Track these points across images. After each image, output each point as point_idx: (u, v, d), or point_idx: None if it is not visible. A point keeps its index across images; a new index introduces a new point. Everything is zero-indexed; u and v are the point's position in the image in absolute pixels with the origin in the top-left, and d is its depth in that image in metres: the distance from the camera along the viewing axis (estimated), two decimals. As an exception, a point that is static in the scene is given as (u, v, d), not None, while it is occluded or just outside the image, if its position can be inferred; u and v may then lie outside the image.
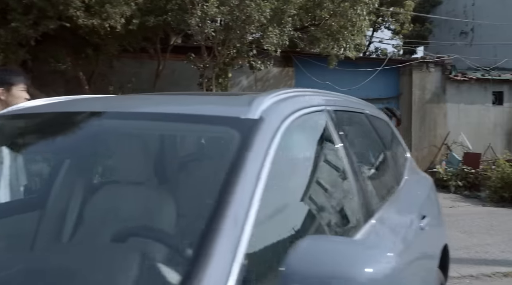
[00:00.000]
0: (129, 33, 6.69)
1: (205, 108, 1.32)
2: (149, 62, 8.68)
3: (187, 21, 6.55)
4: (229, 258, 0.80)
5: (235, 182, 0.93)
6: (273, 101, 1.30)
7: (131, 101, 1.43)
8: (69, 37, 6.89)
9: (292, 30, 7.90)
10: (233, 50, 7.16)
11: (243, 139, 1.08)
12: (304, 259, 0.82)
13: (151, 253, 0.94)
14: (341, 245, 0.86)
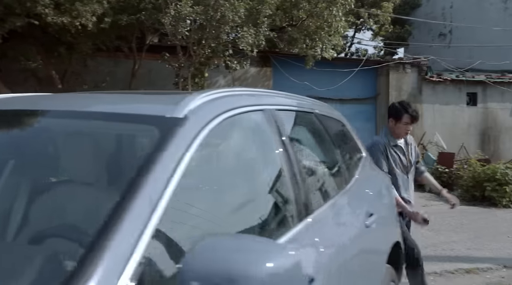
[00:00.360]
0: (102, 32, 6.60)
1: (133, 107, 1.31)
2: (124, 61, 8.59)
3: (161, 20, 6.51)
4: (125, 255, 0.80)
5: (142, 180, 0.93)
6: (204, 100, 1.29)
7: (61, 99, 1.42)
8: (40, 35, 6.77)
9: (268, 30, 7.92)
10: (208, 50, 7.14)
11: (161, 137, 1.08)
12: (201, 257, 0.82)
13: (58, 252, 0.93)
14: (241, 243, 0.86)
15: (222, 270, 0.81)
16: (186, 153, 1.08)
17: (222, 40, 7.25)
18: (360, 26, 17.91)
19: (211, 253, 0.83)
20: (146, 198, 0.90)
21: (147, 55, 8.36)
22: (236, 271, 0.80)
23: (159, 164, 0.99)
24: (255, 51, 7.87)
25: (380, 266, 2.06)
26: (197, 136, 1.16)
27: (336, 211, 1.75)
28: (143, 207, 0.88)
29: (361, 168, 2.40)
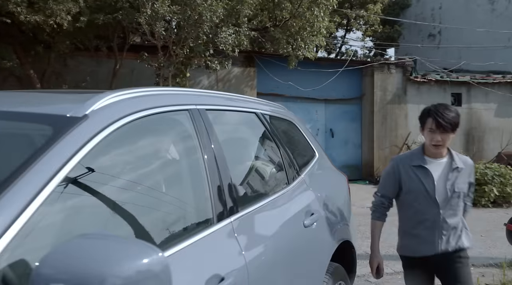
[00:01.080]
0: (79, 31, 6.56)
1: (38, 106, 1.30)
2: (106, 60, 8.55)
3: (138, 20, 6.47)
4: None
5: (18, 176, 0.92)
6: (112, 100, 1.28)
7: None
8: (16, 33, 6.72)
9: (248, 30, 7.91)
10: (187, 50, 7.11)
11: (52, 136, 1.07)
12: (58, 257, 0.81)
13: None
14: (102, 242, 0.85)
15: (78, 269, 0.79)
16: (79, 151, 1.07)
17: (201, 40, 7.22)
18: (348, 26, 17.96)
19: (69, 253, 0.81)
20: (20, 192, 0.89)
21: (128, 54, 8.32)
22: (92, 270, 0.79)
23: (42, 161, 0.97)
24: (237, 51, 7.86)
25: (321, 265, 2.06)
26: (96, 135, 1.14)
27: (267, 210, 1.74)
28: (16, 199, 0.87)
29: (310, 168, 2.39)
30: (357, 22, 17.51)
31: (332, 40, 17.83)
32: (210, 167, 1.50)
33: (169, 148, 1.48)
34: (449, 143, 2.23)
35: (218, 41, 7.32)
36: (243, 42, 7.90)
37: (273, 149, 2.11)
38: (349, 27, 18.19)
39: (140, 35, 7.96)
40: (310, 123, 10.69)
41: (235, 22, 7.85)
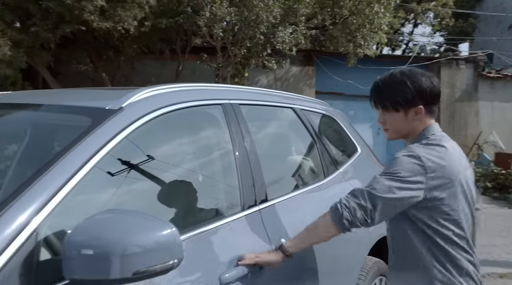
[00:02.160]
0: (144, 35, 7.00)
1: (89, 100, 1.47)
2: (170, 63, 9.01)
3: (197, 23, 6.77)
4: (22, 222, 0.94)
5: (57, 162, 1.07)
6: (147, 95, 1.41)
7: (26, 94, 1.64)
8: (90, 40, 7.33)
9: (306, 29, 7.91)
10: (244, 50, 7.28)
11: (90, 126, 1.21)
12: (87, 226, 0.94)
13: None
14: (125, 217, 0.97)
15: (105, 237, 0.91)
16: (113, 138, 1.20)
17: (260, 40, 7.36)
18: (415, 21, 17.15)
19: (97, 224, 0.94)
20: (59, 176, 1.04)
21: (190, 56, 8.71)
22: (116, 239, 0.91)
23: (78, 148, 1.12)
24: (295, 50, 7.89)
25: (357, 260, 2.05)
26: (130, 125, 1.28)
27: (298, 201, 1.79)
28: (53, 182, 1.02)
29: (351, 163, 2.38)
30: (425, 16, 16.62)
31: (397, 37, 17.14)
32: (240, 158, 1.58)
33: (203, 138, 1.59)
34: (399, 127, 1.51)
35: (275, 41, 7.42)
36: (301, 41, 7.92)
37: (309, 143, 2.14)
38: (416, 22, 17.36)
39: (200, 37, 8.29)
40: (370, 121, 10.39)
41: (292, 21, 7.90)
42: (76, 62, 7.24)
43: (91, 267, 0.91)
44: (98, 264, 0.90)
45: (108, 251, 0.90)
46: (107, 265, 0.90)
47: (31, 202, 0.97)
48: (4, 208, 0.95)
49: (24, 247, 0.93)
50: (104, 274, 0.90)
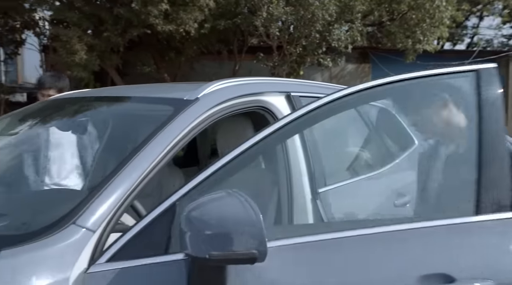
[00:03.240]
0: (203, 37, 7.34)
1: (168, 92, 1.68)
2: (227, 63, 9.33)
3: (254, 23, 6.98)
4: (116, 199, 1.12)
5: (146, 144, 1.27)
6: (219, 87, 1.59)
7: (118, 89, 1.88)
8: (154, 42, 7.81)
9: (361, 26, 7.84)
10: (299, 48, 7.39)
11: (172, 114, 1.41)
12: (203, 204, 1.03)
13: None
14: (233, 199, 1.05)
15: (216, 214, 0.98)
16: (191, 124, 1.39)
17: (314, 38, 7.42)
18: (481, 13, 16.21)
19: (211, 203, 1.01)
20: (149, 154, 1.23)
21: (247, 56, 8.96)
22: (217, 215, 0.98)
23: (162, 134, 1.31)
24: (350, 47, 7.86)
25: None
26: (204, 113, 1.46)
27: (354, 188, 1.89)
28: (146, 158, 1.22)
29: (407, 155, 2.43)
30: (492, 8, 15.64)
31: (460, 30, 16.32)
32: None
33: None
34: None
35: (330, 39, 7.45)
36: (357, 38, 7.87)
37: (366, 135, 2.22)
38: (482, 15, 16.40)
39: (257, 37, 8.51)
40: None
41: (348, 19, 7.87)
42: (141, 64, 7.73)
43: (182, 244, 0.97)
44: (183, 241, 0.95)
45: (193, 230, 0.95)
46: (186, 243, 0.95)
47: (139, 169, 1.18)
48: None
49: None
50: (197, 252, 0.94)
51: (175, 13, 6.53)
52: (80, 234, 1.03)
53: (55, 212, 1.10)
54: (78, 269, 0.99)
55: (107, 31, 6.48)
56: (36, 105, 1.91)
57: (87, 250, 1.02)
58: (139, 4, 6.06)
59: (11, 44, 8.03)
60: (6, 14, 7.13)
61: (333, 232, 1.22)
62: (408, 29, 8.48)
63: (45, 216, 1.13)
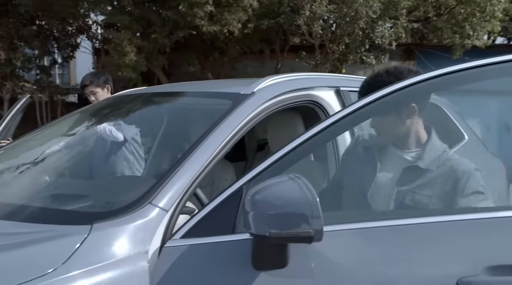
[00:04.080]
0: (246, 37, 7.48)
1: (224, 87, 1.79)
2: (269, 62, 9.43)
3: (297, 22, 7.03)
4: (184, 182, 1.24)
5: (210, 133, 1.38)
6: (272, 82, 1.68)
7: (178, 85, 2.03)
8: (199, 43, 8.05)
9: (406, 22, 7.69)
10: (342, 46, 7.36)
11: (231, 106, 1.51)
12: (266, 187, 1.09)
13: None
14: (282, 181, 1.13)
15: (279, 196, 1.05)
16: (248, 115, 1.49)
17: (357, 35, 7.37)
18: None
19: (274, 186, 1.08)
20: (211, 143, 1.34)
21: (289, 55, 9.02)
22: (279, 195, 1.05)
23: (223, 124, 1.42)
24: (394, 44, 7.73)
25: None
26: (260, 106, 1.55)
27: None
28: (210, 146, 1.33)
29: (457, 149, 2.41)
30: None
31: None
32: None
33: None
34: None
35: (374, 36, 7.37)
36: (401, 35, 7.72)
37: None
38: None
39: (299, 36, 8.55)
40: (478, 117, 9.67)
41: (393, 15, 7.74)
42: (186, 64, 7.99)
43: (245, 223, 1.05)
44: (247, 221, 1.03)
45: (261, 212, 1.02)
46: (249, 222, 1.03)
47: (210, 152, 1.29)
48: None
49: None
50: (259, 231, 1.02)
51: (220, 14, 6.71)
52: (156, 213, 1.15)
53: (132, 194, 1.23)
54: (155, 243, 1.11)
55: (155, 33, 6.77)
56: (103, 101, 2.10)
57: (161, 227, 1.14)
58: (186, 7, 6.29)
59: (67, 47, 8.54)
60: (64, 20, 7.61)
61: (392, 220, 1.28)
62: (456, 24, 8.22)
63: (125, 197, 1.27)
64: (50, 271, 0.95)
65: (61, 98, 9.08)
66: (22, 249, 1.02)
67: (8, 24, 7.85)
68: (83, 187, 1.63)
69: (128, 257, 1.05)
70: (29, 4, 6.67)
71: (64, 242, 1.03)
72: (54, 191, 1.53)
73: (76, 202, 1.33)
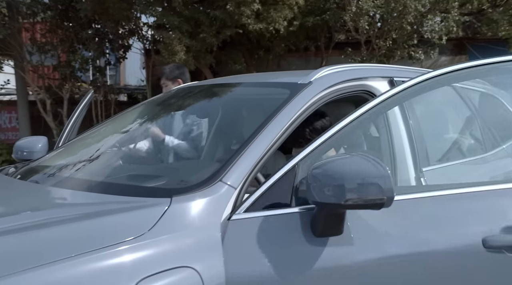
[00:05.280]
0: (292, 34, 7.54)
1: (281, 78, 1.89)
2: (314, 59, 9.44)
3: (343, 18, 7.00)
4: (250, 163, 1.35)
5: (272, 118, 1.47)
6: (328, 72, 1.76)
7: (243, 77, 2.18)
8: (245, 41, 8.21)
9: (457, 15, 7.43)
10: (389, 42, 7.24)
11: (289, 95, 1.60)
12: (326, 163, 1.23)
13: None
14: (342, 157, 1.26)
15: (338, 170, 1.20)
16: (305, 104, 1.57)
17: (405, 30, 7.22)
18: None
19: (334, 162, 1.24)
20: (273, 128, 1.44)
21: (333, 52, 8.98)
22: (345, 172, 1.19)
23: (283, 111, 1.52)
24: (445, 38, 7.50)
25: None
26: (317, 95, 1.63)
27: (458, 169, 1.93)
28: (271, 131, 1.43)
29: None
30: None
31: None
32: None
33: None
34: None
35: (423, 30, 7.19)
36: (453, 29, 7.48)
37: (468, 119, 2.22)
38: None
39: (344, 33, 8.49)
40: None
41: (443, 9, 7.51)
42: (232, 62, 8.18)
43: (315, 193, 1.20)
44: (318, 192, 1.19)
45: (337, 182, 1.18)
46: (323, 193, 1.18)
47: (268, 140, 1.40)
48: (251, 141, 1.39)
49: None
50: (335, 199, 1.17)
51: (266, 12, 6.82)
52: (225, 189, 1.27)
53: (204, 173, 1.36)
54: (225, 216, 1.23)
55: (203, 32, 6.99)
56: (168, 93, 2.27)
57: (230, 202, 1.26)
58: (233, 6, 6.45)
59: (120, 49, 8.99)
60: (117, 22, 8.03)
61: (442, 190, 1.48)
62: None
63: (197, 176, 1.40)
64: (139, 235, 1.09)
65: (114, 97, 9.57)
66: (115, 215, 1.17)
67: (69, 29, 8.40)
68: (156, 169, 1.79)
69: (203, 226, 1.18)
70: (88, 9, 7.10)
71: (149, 211, 1.17)
72: (133, 172, 1.70)
73: (153, 181, 1.48)
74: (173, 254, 1.10)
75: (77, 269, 0.99)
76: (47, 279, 0.95)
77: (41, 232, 1.08)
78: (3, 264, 0.96)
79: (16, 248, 1.03)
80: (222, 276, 1.11)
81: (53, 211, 1.28)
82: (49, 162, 1.89)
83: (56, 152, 2.10)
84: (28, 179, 1.63)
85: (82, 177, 1.57)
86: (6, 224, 1.13)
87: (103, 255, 1.02)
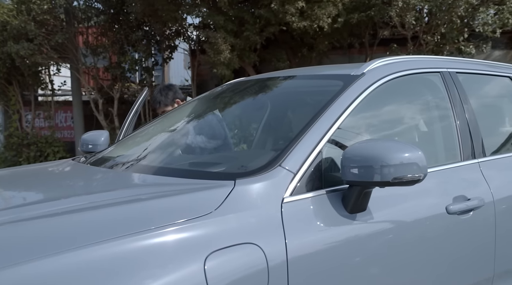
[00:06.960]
0: (335, 31, 7.49)
1: (333, 70, 1.94)
2: (357, 56, 9.30)
3: (389, 13, 6.87)
4: (307, 150, 1.42)
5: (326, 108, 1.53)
6: (381, 64, 1.79)
7: (293, 70, 2.26)
8: (288, 39, 8.25)
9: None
10: (437, 37, 7.03)
11: (343, 86, 1.65)
12: (356, 148, 1.35)
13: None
14: (381, 142, 1.34)
15: (367, 154, 1.31)
16: (360, 96, 1.61)
17: (455, 24, 6.98)
18: None
19: (363, 146, 1.36)
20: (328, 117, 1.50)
21: (378, 48, 8.81)
22: (377, 156, 1.29)
23: (338, 101, 1.57)
24: (499, 32, 7.17)
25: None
26: (370, 86, 1.67)
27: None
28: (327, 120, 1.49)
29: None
30: None
31: None
32: (460, 119, 1.81)
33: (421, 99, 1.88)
34: None
35: (474, 24, 6.92)
36: (508, 21, 7.13)
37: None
38: None
39: (389, 29, 8.31)
40: None
41: (498, 0, 7.18)
42: (275, 60, 8.24)
43: (361, 174, 1.31)
44: (365, 172, 1.30)
45: (371, 163, 1.30)
46: (372, 172, 1.29)
47: (323, 128, 1.47)
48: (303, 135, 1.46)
49: (315, 160, 1.40)
50: (370, 178, 1.30)
51: (310, 9, 6.82)
52: (284, 173, 1.34)
53: (263, 159, 1.44)
54: (284, 197, 1.31)
55: (247, 31, 7.10)
56: (221, 87, 2.39)
57: (289, 185, 1.34)
58: (278, 4, 6.51)
59: (167, 49, 9.32)
60: (165, 24, 8.32)
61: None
62: None
63: (257, 162, 1.48)
64: (207, 213, 1.19)
65: (161, 96, 9.90)
66: (185, 194, 1.28)
67: (120, 31, 8.81)
68: (215, 158, 1.91)
69: (264, 207, 1.27)
70: (139, 11, 7.42)
71: (216, 192, 1.27)
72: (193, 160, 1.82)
73: (216, 166, 1.59)
74: (238, 231, 1.19)
75: (152, 241, 1.09)
76: (129, 247, 1.07)
77: (124, 207, 1.21)
78: (102, 231, 1.10)
79: (103, 221, 1.16)
80: (283, 251, 1.19)
81: (131, 190, 1.42)
82: (115, 153, 2.04)
83: (119, 144, 2.26)
84: (102, 166, 1.79)
85: (150, 164, 1.71)
86: (98, 199, 1.29)
87: (175, 229, 1.13)
